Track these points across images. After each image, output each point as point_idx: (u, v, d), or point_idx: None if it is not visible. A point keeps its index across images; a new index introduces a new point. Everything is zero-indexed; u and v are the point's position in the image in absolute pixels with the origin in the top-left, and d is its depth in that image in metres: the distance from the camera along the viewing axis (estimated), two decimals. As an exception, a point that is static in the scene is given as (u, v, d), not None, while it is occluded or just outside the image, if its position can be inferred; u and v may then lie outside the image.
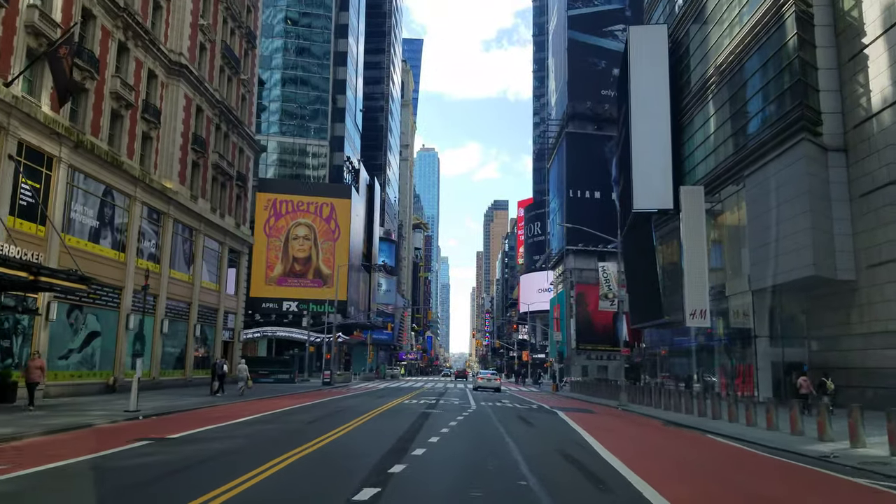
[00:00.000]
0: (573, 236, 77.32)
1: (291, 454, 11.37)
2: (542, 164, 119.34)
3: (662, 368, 48.42)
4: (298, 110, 75.80)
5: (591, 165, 78.72)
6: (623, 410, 29.64)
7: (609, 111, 79.22)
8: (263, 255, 70.39)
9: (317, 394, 36.57)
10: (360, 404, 26.29)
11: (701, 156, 40.07)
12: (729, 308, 36.93)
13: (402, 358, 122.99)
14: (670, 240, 45.04)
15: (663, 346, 49.03)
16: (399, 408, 23.97)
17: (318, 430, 15.57)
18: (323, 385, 48.50)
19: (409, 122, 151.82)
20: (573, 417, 22.52)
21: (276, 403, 26.87)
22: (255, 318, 68.91)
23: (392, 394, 37.24)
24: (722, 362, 37.70)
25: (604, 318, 76.80)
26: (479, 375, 51.14)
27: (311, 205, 71.88)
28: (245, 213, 48.49)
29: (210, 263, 42.97)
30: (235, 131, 45.77)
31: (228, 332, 46.04)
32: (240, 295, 47.71)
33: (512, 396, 39.29)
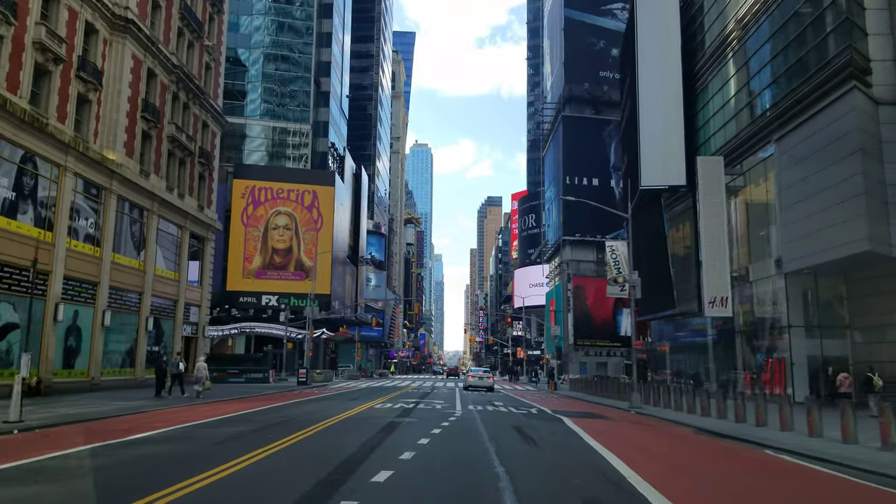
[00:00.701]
0: (570, 226, 72.44)
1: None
2: (536, 155, 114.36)
3: (672, 365, 43.47)
4: (279, 89, 70.53)
5: (589, 151, 73.78)
6: (637, 414, 24.70)
7: (608, 94, 74.29)
8: (241, 246, 65.26)
9: (284, 395, 31.56)
10: (320, 409, 21.27)
11: (718, 123, 35.12)
12: (753, 295, 32.02)
13: (393, 356, 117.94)
14: (681, 221, 40.13)
15: (671, 341, 44.09)
16: (364, 415, 18.92)
17: (226, 455, 10.59)
18: (298, 385, 43.44)
19: (400, 114, 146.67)
20: (584, 426, 17.53)
21: (222, 408, 21.85)
22: (232, 313, 63.79)
23: (368, 395, 32.21)
24: (745, 357, 32.77)
25: (603, 312, 71.94)
26: (469, 373, 45.70)
27: (292, 192, 66.73)
28: (210, 195, 43.36)
29: (167, 249, 37.85)
30: (197, 102, 40.64)
31: (191, 327, 40.92)
32: (205, 286, 42.58)
33: (506, 397, 34.30)
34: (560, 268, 75.81)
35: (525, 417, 19.93)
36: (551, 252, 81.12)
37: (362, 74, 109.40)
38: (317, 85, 75.31)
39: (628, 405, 27.29)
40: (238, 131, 69.24)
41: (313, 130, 73.49)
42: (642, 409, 26.50)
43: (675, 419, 21.87)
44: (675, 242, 40.00)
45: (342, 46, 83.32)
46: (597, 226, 72.43)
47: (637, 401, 27.01)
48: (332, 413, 19.45)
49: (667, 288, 37.25)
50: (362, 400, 27.19)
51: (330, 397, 30.06)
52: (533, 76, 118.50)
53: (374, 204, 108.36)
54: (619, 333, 71.88)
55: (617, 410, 26.54)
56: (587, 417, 21.03)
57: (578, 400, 34.51)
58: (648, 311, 41.99)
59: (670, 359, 43.34)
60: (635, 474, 9.72)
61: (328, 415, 18.73)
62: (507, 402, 28.79)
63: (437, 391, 37.91)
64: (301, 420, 17.29)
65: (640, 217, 41.79)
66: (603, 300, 73.05)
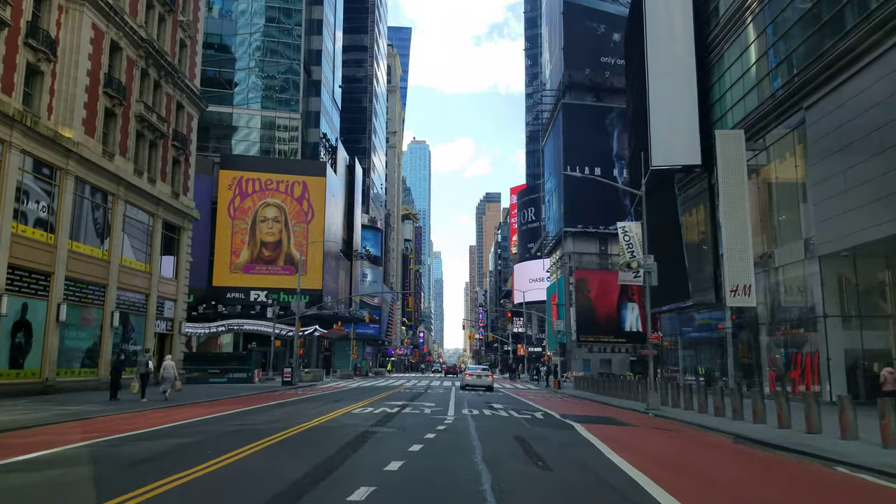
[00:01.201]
0: (572, 217, 69.19)
1: None
2: (535, 147, 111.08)
3: (683, 361, 40.18)
4: (267, 77, 67.14)
5: (591, 140, 70.52)
6: (657, 417, 21.46)
7: (610, 80, 71.06)
8: (228, 240, 61.95)
9: (261, 397, 28.31)
10: (290, 415, 17.97)
11: (737, 95, 31.80)
12: (779, 283, 28.73)
13: (391, 354, 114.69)
14: (695, 205, 36.88)
15: (681, 335, 40.80)
16: (335, 423, 15.57)
17: (118, 487, 7.34)
18: (283, 385, 40.17)
19: (396, 109, 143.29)
20: (600, 436, 14.24)
21: (178, 414, 18.60)
22: (219, 309, 60.49)
23: (354, 396, 28.91)
24: (770, 352, 29.48)
25: (606, 307, 68.71)
26: (466, 372, 42.00)
27: (282, 183, 63.40)
28: (187, 182, 40.04)
29: (136, 239, 34.56)
30: (171, 81, 37.32)
31: (165, 323, 37.64)
32: (181, 279, 39.29)
33: (506, 397, 31.03)
34: (562, 261, 72.56)
35: (529, 424, 16.65)
36: (552, 245, 77.86)
37: (356, 68, 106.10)
38: (307, 74, 71.97)
39: (645, 407, 24.05)
40: (225, 121, 65.97)
41: (304, 120, 70.13)
42: (660, 411, 23.26)
43: (702, 423, 18.60)
44: (689, 229, 36.73)
45: (333, 35, 79.95)
46: (600, 216, 69.20)
47: (655, 402, 23.75)
48: (299, 420, 16.16)
49: (681, 278, 33.97)
50: (345, 402, 23.91)
51: (311, 399, 26.77)
52: (531, 67, 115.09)
53: (370, 198, 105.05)
54: (623, 328, 68.68)
55: (632, 413, 23.27)
56: (601, 423, 17.74)
57: (586, 400, 31.25)
58: (660, 303, 38.68)
59: (681, 354, 40.06)
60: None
61: (294, 422, 15.44)
62: (508, 403, 25.51)
63: (430, 392, 34.65)
64: (258, 429, 14.02)
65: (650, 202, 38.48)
66: (607, 294, 69.88)
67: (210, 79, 65.09)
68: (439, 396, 29.13)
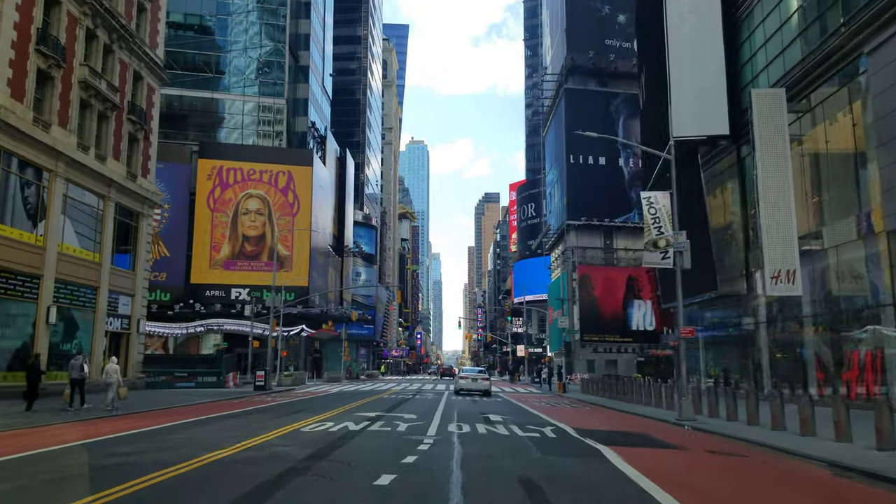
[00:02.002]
0: (575, 210, 64.51)
1: None
2: (535, 141, 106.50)
3: (705, 361, 35.40)
4: (251, 60, 62.46)
5: (595, 127, 65.13)
6: (697, 431, 16.82)
7: (614, 64, 66.47)
8: (207, 234, 57.28)
9: (219, 405, 23.69)
10: (213, 436, 13.19)
11: (773, 52, 27.10)
12: (829, 267, 24.05)
13: (387, 355, 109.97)
14: (720, 184, 32.23)
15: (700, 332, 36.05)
16: (254, 454, 10.55)
17: None
18: (255, 390, 35.46)
19: (392, 105, 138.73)
20: (647, 470, 9.53)
21: (79, 432, 14.13)
22: (196, 308, 55.80)
23: (325, 404, 24.19)
24: (817, 349, 24.77)
25: (612, 304, 64.01)
26: (460, 375, 36.39)
27: (265, 173, 58.75)
28: (147, 162, 35.37)
29: (82, 224, 29.87)
30: (126, 47, 32.66)
31: (120, 321, 32.94)
32: (139, 271, 34.60)
33: (507, 405, 26.31)
34: (564, 256, 67.86)
35: (538, 449, 11.90)
36: (554, 240, 73.18)
37: (349, 61, 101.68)
38: (294, 58, 67.35)
39: (675, 416, 19.37)
40: (205, 107, 61.32)
41: (291, 107, 65.51)
42: (696, 421, 18.61)
43: (763, 441, 13.94)
44: (713, 212, 32.04)
45: (323, 20, 75.34)
46: (604, 209, 64.59)
47: (688, 410, 19.07)
48: (218, 445, 11.46)
49: (706, 266, 29.25)
50: (306, 413, 19.19)
51: (270, 409, 22.06)
52: (531, 58, 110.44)
53: (364, 195, 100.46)
54: (630, 327, 63.95)
55: (661, 425, 18.60)
56: (637, 445, 13.01)
57: (598, 407, 26.55)
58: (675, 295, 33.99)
59: (703, 354, 35.28)
60: None
61: (203, 451, 10.70)
62: (509, 413, 20.76)
63: (418, 398, 29.91)
64: (137, 464, 9.34)
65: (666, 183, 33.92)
66: (612, 290, 65.20)
67: (189, 62, 60.58)
68: (426, 404, 24.40)
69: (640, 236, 68.35)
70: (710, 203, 32.18)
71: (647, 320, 64.23)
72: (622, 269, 64.97)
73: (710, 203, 31.95)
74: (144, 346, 36.22)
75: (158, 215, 56.44)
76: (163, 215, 56.42)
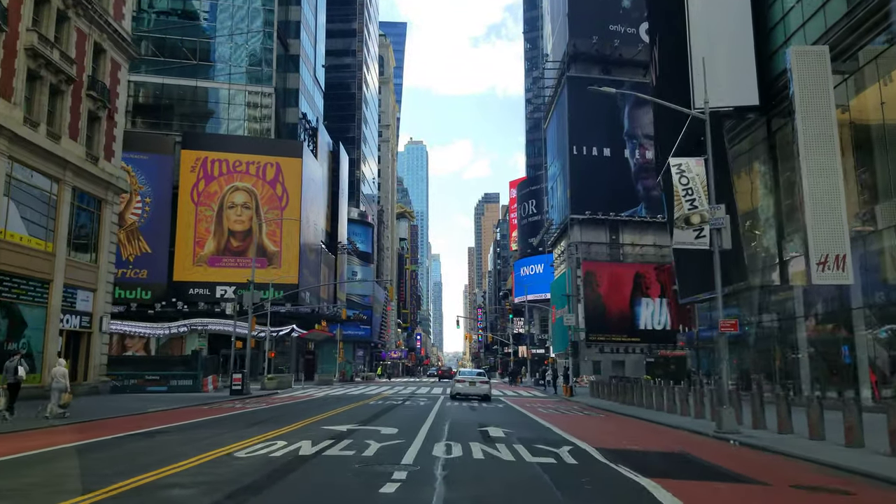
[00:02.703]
0: (578, 203, 60.99)
1: None
2: (535, 136, 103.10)
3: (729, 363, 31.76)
4: (235, 49, 58.97)
5: (599, 116, 62.32)
6: (743, 446, 13.34)
7: (619, 50, 63.02)
8: (191, 229, 53.75)
9: (178, 413, 20.28)
10: (113, 464, 9.74)
11: (810, 8, 23.60)
12: (884, 250, 20.55)
13: (385, 357, 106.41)
14: (747, 164, 28.72)
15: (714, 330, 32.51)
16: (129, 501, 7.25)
17: None
18: (231, 395, 31.94)
19: (390, 101, 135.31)
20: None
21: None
22: (179, 306, 52.27)
23: (298, 413, 20.66)
24: (870, 348, 21.22)
25: (618, 302, 60.49)
26: (457, 378, 32.30)
27: (252, 165, 55.24)
28: (111, 144, 31.88)
29: (32, 209, 26.40)
30: (84, 16, 29.18)
31: (79, 319, 29.42)
32: (103, 263, 31.06)
33: (509, 413, 22.79)
34: (567, 252, 64.34)
35: (558, 486, 8.33)
36: (556, 235, 69.63)
37: (344, 56, 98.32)
38: (284, 47, 63.92)
39: (714, 428, 15.86)
40: (189, 96, 57.85)
41: (281, 98, 62.05)
42: (740, 433, 15.13)
43: (855, 467, 10.44)
44: (739, 194, 28.52)
45: (315, 7, 71.86)
46: (610, 202, 61.05)
47: (730, 421, 15.56)
48: (96, 482, 7.98)
49: (735, 254, 25.74)
50: (268, 425, 15.70)
51: (230, 419, 18.56)
52: (530, 51, 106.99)
53: (360, 192, 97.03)
54: (637, 326, 60.45)
55: (699, 439, 15.12)
56: (690, 477, 9.46)
57: (614, 415, 23.04)
58: (697, 289, 30.50)
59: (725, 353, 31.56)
60: None
61: (64, 494, 7.24)
62: (512, 425, 17.21)
63: (408, 403, 26.36)
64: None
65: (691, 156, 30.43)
66: (618, 288, 61.66)
67: (173, 49, 57.16)
68: (415, 413, 20.84)
69: (647, 231, 65.14)
70: (735, 185, 28.68)
71: (655, 319, 60.75)
72: (629, 266, 61.47)
73: (734, 185, 28.44)
74: (109, 347, 32.68)
75: (139, 209, 53.08)
76: (144, 209, 53.03)
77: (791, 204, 24.77)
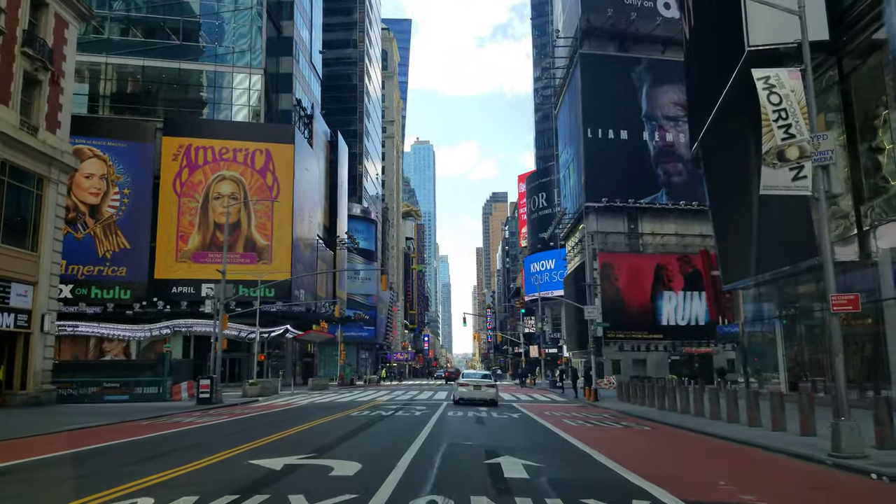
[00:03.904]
0: (594, 190, 55.84)
1: None
2: (545, 127, 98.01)
3: (786, 361, 26.41)
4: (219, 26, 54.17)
5: (615, 96, 57.26)
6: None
7: (636, 25, 57.86)
8: (173, 222, 48.99)
9: (98, 433, 15.40)
10: None
11: None
12: None
13: (391, 359, 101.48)
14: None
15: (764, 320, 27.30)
16: None
17: None
18: (197, 404, 27.01)
19: (394, 97, 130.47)
20: None
21: None
22: (159, 306, 47.50)
23: (249, 432, 15.69)
24: None
25: (638, 296, 55.25)
26: (461, 381, 27.62)
27: (240, 152, 50.44)
28: (57, 114, 27.06)
29: (-56, 183, 21.61)
30: (17, -42, 24.43)
31: (14, 317, 24.56)
32: (45, 252, 26.21)
33: (527, 424, 17.75)
34: (582, 243, 59.17)
35: None
36: (570, 227, 64.43)
37: (345, 47, 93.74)
38: (277, 29, 59.20)
39: (831, 450, 10.77)
40: (172, 79, 53.13)
41: (271, 83, 57.29)
42: (867, 457, 10.07)
43: None
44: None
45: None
46: (627, 188, 55.84)
47: (854, 440, 10.47)
48: None
49: (797, 225, 20.61)
50: (184, 457, 10.76)
51: (148, 443, 13.65)
52: (539, 37, 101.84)
53: (363, 188, 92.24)
54: (660, 322, 55.20)
55: (814, 469, 10.05)
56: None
57: (659, 425, 17.95)
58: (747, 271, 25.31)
59: (783, 349, 26.27)
60: None
61: None
62: (535, 451, 12.10)
63: (400, 414, 21.19)
64: None
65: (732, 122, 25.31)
66: (638, 280, 56.37)
67: (154, 29, 52.55)
68: (401, 430, 15.74)
69: (668, 218, 59.80)
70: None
71: (679, 314, 55.52)
72: (649, 257, 56.23)
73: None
74: (54, 351, 27.83)
75: (117, 201, 48.38)
76: (122, 201, 48.33)
77: (873, 160, 19.66)
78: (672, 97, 58.65)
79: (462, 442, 12.89)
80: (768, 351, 26.75)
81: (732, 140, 25.80)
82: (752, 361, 28.13)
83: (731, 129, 25.56)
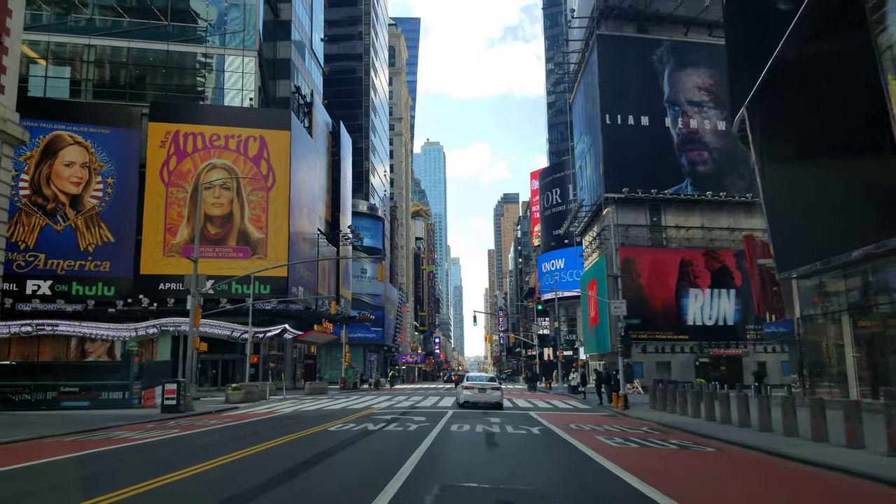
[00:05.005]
0: (613, 180, 51.65)
1: None
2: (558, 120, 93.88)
3: (856, 363, 22.07)
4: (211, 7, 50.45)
5: (634, 80, 53.09)
6: None
7: (656, 5, 53.70)
8: (161, 213, 45.29)
9: (12, 451, 11.37)
10: None
11: None
12: None
13: (399, 361, 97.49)
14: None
15: (839, 315, 23.00)
16: None
17: None
18: (162, 412, 23.08)
19: (402, 94, 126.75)
20: None
21: None
22: (144, 303, 43.79)
23: (182, 458, 11.73)
24: None
25: (662, 293, 50.93)
26: (465, 384, 25.44)
27: (232, 139, 46.69)
28: (2, 86, 23.29)
29: None
30: None
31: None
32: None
33: (552, 445, 13.70)
34: (601, 237, 54.98)
35: None
36: (587, 221, 60.15)
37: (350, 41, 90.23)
38: (274, 12, 55.55)
39: None
40: (160, 62, 49.50)
41: (270, 68, 53.58)
42: None
43: None
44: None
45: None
46: (650, 179, 51.60)
47: None
48: None
49: (875, 196, 16.39)
50: None
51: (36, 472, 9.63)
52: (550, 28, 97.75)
53: (370, 184, 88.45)
54: (685, 322, 50.84)
55: None
56: None
57: (722, 443, 13.79)
58: (818, 254, 21.04)
59: (854, 348, 21.92)
60: None
61: None
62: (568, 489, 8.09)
63: (391, 429, 17.05)
64: None
65: (791, 78, 21.06)
66: (662, 277, 51.98)
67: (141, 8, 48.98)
68: (385, 454, 11.70)
69: (694, 211, 55.41)
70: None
71: (706, 313, 51.18)
72: (673, 251, 51.92)
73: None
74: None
75: (100, 191, 44.75)
76: (106, 191, 44.73)
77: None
78: (696, 81, 54.49)
79: (461, 482, 8.73)
80: (831, 352, 22.44)
81: (791, 100, 21.57)
82: (810, 363, 23.79)
83: (791, 87, 21.33)
